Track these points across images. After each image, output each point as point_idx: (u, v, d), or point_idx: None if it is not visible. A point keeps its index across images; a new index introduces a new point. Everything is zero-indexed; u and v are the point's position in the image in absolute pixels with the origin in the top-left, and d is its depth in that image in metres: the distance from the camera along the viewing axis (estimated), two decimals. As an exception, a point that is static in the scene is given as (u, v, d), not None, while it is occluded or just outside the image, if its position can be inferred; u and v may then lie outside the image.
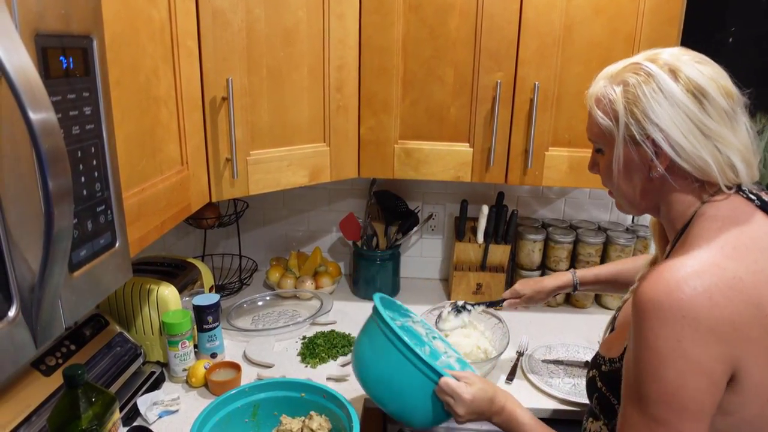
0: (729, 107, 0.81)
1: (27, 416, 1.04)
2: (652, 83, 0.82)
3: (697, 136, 0.80)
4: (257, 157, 1.40)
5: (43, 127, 0.53)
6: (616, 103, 0.86)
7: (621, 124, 0.86)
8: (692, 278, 0.75)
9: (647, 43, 1.44)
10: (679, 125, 0.80)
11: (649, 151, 0.84)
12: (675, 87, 0.81)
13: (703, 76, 0.81)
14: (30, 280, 0.59)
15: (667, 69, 0.83)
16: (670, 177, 0.85)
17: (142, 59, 0.99)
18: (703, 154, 0.81)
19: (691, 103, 0.80)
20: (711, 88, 0.81)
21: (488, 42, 1.46)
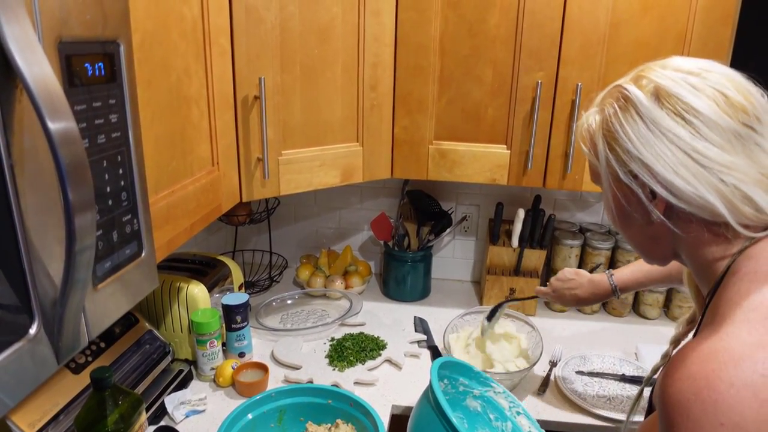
0: (738, 125, 0.65)
1: (55, 414, 1.04)
2: (630, 110, 0.69)
3: (691, 169, 0.65)
4: (289, 157, 1.37)
5: (63, 137, 0.51)
6: (596, 136, 0.73)
7: (602, 160, 0.72)
8: (728, 371, 0.56)
9: (699, 42, 1.36)
10: (667, 159, 0.65)
11: (639, 193, 0.70)
12: (658, 112, 0.66)
13: (696, 93, 0.66)
14: (52, 295, 0.57)
15: (651, 90, 0.68)
16: (672, 223, 0.69)
17: (173, 58, 0.97)
18: (702, 191, 0.64)
19: (680, 129, 0.65)
20: (707, 107, 0.65)
21: (529, 40, 1.41)
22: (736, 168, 0.64)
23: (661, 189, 0.67)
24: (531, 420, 1.21)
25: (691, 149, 0.65)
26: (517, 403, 1.23)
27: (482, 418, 1.25)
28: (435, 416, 0.99)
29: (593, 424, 1.32)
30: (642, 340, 1.66)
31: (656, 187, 0.67)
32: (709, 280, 0.71)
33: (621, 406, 1.36)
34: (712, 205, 0.65)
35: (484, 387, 1.24)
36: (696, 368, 0.58)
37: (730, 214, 0.65)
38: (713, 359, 0.58)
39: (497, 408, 1.24)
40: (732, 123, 0.65)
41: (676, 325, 0.93)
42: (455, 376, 1.22)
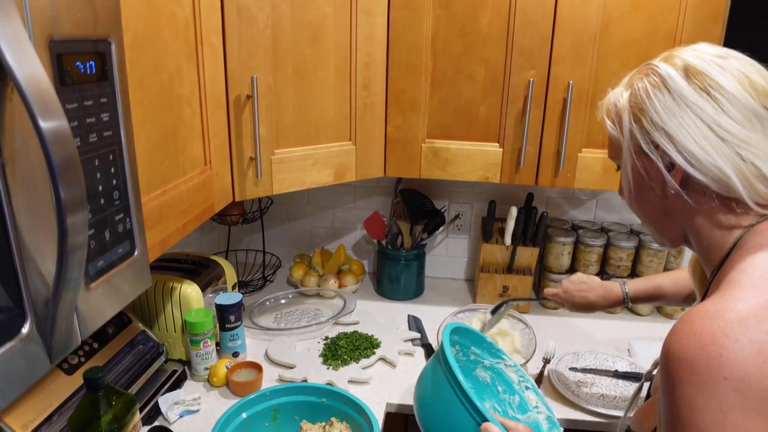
0: (758, 106, 0.68)
1: (49, 415, 1.04)
2: (659, 84, 0.72)
3: (712, 141, 0.68)
4: (282, 156, 1.37)
5: (55, 136, 0.51)
6: (622, 109, 0.76)
7: (626, 132, 0.76)
8: (734, 328, 0.58)
9: (689, 41, 1.35)
10: (690, 129, 0.69)
11: (658, 163, 0.73)
12: (686, 86, 0.70)
13: (723, 72, 0.69)
14: (44, 294, 0.57)
15: (681, 67, 0.72)
16: (686, 194, 0.72)
17: (165, 58, 0.97)
18: (719, 162, 0.67)
19: (704, 103, 0.68)
20: (731, 85, 0.68)
21: (521, 39, 1.41)
22: (754, 144, 0.67)
23: (680, 159, 0.70)
24: (539, 395, 1.21)
25: (713, 122, 0.68)
26: (526, 378, 1.23)
27: (490, 389, 1.25)
28: (445, 380, 0.98)
29: (586, 420, 1.33)
30: (635, 336, 1.67)
31: (676, 156, 0.70)
32: (715, 257, 0.74)
33: (614, 402, 1.37)
34: (728, 178, 0.68)
35: (495, 359, 1.24)
36: (701, 326, 0.60)
37: (744, 188, 0.68)
38: (719, 317, 0.60)
39: (506, 381, 1.24)
40: (753, 103, 0.68)
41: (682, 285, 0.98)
42: (467, 344, 1.22)
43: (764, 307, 0.60)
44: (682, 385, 0.60)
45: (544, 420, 1.17)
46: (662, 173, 0.73)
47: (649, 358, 1.53)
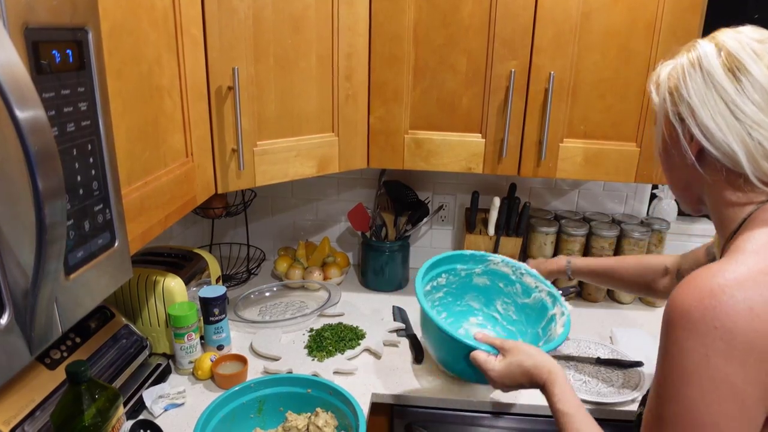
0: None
1: (31, 411, 1.03)
2: (695, 62, 0.77)
3: (727, 118, 0.73)
4: (264, 148, 1.37)
5: (31, 126, 0.50)
6: (663, 80, 0.82)
7: (660, 101, 0.82)
8: (731, 286, 0.64)
9: (668, 31, 1.39)
10: (710, 105, 0.73)
11: (681, 133, 0.78)
12: (715, 63, 0.74)
13: (754, 57, 0.72)
14: (23, 285, 0.57)
15: (719, 47, 0.76)
16: (700, 166, 0.78)
17: (144, 48, 0.96)
18: (730, 138, 0.72)
19: (727, 81, 0.73)
20: (758, 71, 0.71)
21: (502, 29, 1.42)
22: (764, 126, 0.71)
23: (698, 132, 0.75)
24: (535, 276, 1.35)
25: (731, 102, 0.72)
26: (518, 265, 1.37)
27: (493, 288, 1.40)
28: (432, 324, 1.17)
29: (569, 407, 1.34)
30: (617, 324, 1.70)
31: (695, 129, 0.75)
32: (727, 230, 0.79)
33: (596, 388, 1.39)
34: (735, 154, 0.72)
35: (482, 263, 1.37)
36: (702, 282, 0.66)
37: (749, 164, 0.72)
38: (720, 276, 0.66)
39: (502, 276, 1.37)
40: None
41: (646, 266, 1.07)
42: (452, 266, 1.32)
43: (762, 272, 0.66)
44: (676, 330, 0.66)
45: (546, 296, 1.34)
46: (682, 144, 0.78)
47: (631, 345, 1.55)
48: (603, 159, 1.50)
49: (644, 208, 1.97)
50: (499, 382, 1.05)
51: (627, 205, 1.97)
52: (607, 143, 1.49)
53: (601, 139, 1.48)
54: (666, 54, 1.38)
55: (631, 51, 1.41)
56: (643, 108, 1.45)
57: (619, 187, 1.94)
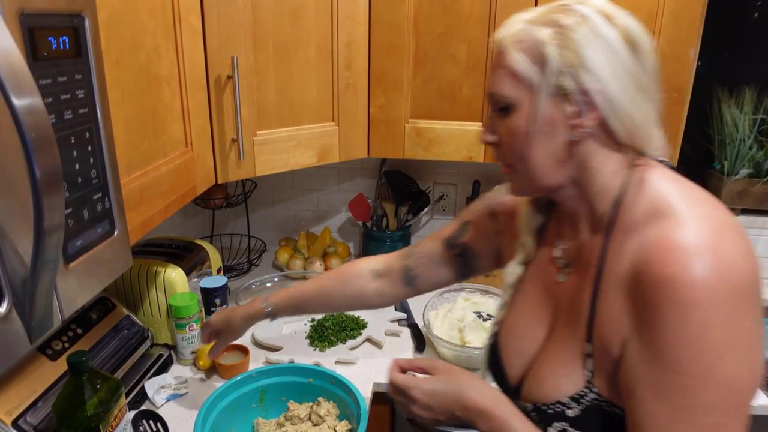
0: (656, 65, 0.72)
1: (33, 402, 1.03)
2: (586, 26, 0.69)
3: (632, 91, 0.69)
4: (264, 138, 1.36)
5: (28, 113, 0.50)
6: (546, 45, 0.70)
7: (550, 72, 0.70)
8: (723, 240, 0.62)
9: (670, 18, 1.38)
10: (619, 77, 0.68)
11: (578, 106, 0.70)
12: (612, 33, 0.68)
13: (636, 25, 0.70)
14: (22, 273, 0.56)
15: (601, 13, 0.70)
16: (595, 138, 0.72)
17: (142, 37, 0.96)
18: (634, 113, 0.69)
19: (629, 54, 0.69)
20: (643, 40, 0.70)
21: (503, 18, 1.38)
22: (654, 100, 0.72)
23: (603, 103, 0.69)
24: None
25: (635, 72, 0.69)
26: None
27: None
28: None
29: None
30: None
31: (600, 100, 0.69)
32: (606, 196, 0.75)
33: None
34: (636, 128, 0.70)
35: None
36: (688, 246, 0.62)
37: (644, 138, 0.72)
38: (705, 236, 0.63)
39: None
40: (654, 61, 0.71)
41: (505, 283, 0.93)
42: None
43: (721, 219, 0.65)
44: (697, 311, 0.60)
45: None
46: (577, 115, 0.71)
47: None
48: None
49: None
50: (421, 403, 0.84)
51: (628, 194, 1.96)
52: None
53: (602, 127, 1.48)
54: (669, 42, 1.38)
55: (632, 38, 1.40)
56: (645, 96, 1.44)
57: (620, 176, 1.93)
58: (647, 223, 0.68)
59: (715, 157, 1.95)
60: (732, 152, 1.88)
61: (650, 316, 0.64)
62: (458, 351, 1.39)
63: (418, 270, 1.11)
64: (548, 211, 0.90)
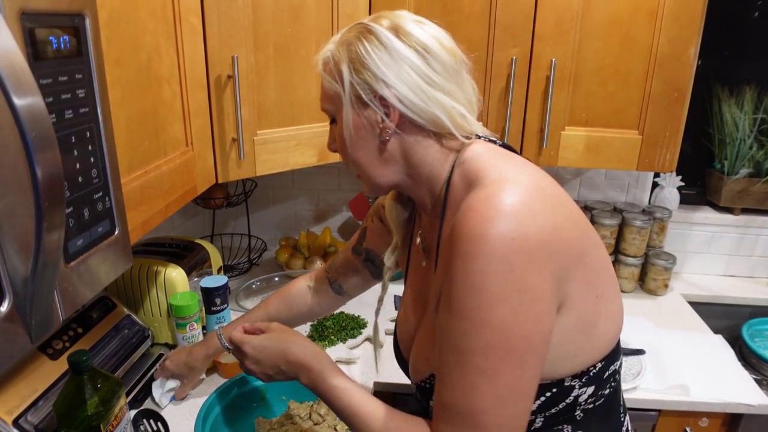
0: (454, 64, 0.80)
1: (34, 401, 1.03)
2: (374, 41, 0.79)
3: (424, 89, 0.78)
4: (264, 137, 1.36)
5: (30, 113, 0.50)
6: (341, 62, 0.81)
7: (346, 85, 0.81)
8: (508, 196, 0.68)
9: (670, 18, 1.38)
10: (406, 80, 0.77)
11: (378, 111, 0.80)
12: (398, 43, 0.78)
13: (425, 33, 0.79)
14: (23, 273, 0.56)
15: (389, 26, 0.80)
16: (404, 134, 0.81)
17: (142, 36, 0.96)
18: (431, 106, 0.78)
19: (416, 58, 0.78)
20: (434, 45, 0.79)
21: (503, 16, 1.41)
22: (452, 92, 0.79)
23: (400, 105, 0.78)
24: None
25: (423, 73, 0.78)
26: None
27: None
28: None
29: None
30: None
31: (396, 103, 0.78)
32: (437, 184, 0.84)
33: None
34: (438, 117, 0.79)
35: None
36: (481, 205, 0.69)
37: (452, 125, 0.79)
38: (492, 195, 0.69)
39: None
40: (450, 60, 0.80)
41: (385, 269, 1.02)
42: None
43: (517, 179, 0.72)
44: (475, 259, 0.66)
45: None
46: (381, 119, 0.80)
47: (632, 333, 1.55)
48: (605, 147, 1.49)
49: (646, 197, 1.97)
50: (252, 357, 0.94)
51: (629, 193, 1.96)
52: (609, 131, 1.48)
53: (602, 126, 1.48)
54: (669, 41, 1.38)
55: (633, 38, 1.40)
56: (645, 95, 1.44)
57: (620, 176, 1.93)
58: (464, 196, 0.75)
59: (716, 156, 1.96)
60: (732, 152, 1.88)
61: (447, 270, 0.70)
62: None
63: (340, 280, 1.23)
64: (413, 204, 0.99)
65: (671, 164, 1.50)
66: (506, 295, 0.66)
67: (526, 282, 0.66)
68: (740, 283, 1.98)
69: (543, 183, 0.74)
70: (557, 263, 0.69)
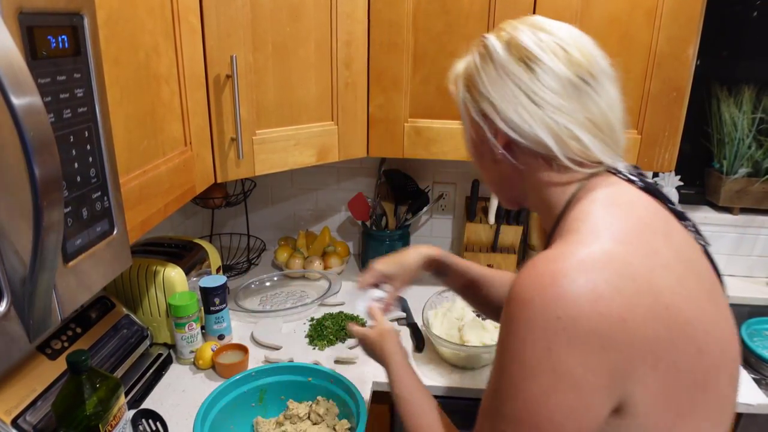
0: (574, 77, 0.72)
1: (32, 401, 1.03)
2: (486, 56, 0.76)
3: (528, 107, 0.72)
4: (263, 137, 1.36)
5: (28, 113, 0.50)
6: (458, 79, 0.81)
7: (460, 101, 0.81)
8: (573, 269, 0.61)
9: (669, 17, 1.38)
10: (509, 98, 0.73)
11: (486, 130, 0.77)
12: (506, 57, 0.74)
13: (540, 43, 0.73)
14: (21, 272, 0.56)
15: (505, 38, 0.76)
16: (513, 157, 0.77)
17: (141, 36, 0.95)
18: (535, 126, 0.72)
19: (521, 72, 0.73)
20: (547, 56, 0.72)
21: (502, 16, 1.41)
22: (565, 110, 0.72)
23: (503, 125, 0.74)
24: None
25: (529, 90, 0.72)
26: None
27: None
28: None
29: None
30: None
31: (500, 123, 0.74)
32: (552, 214, 0.77)
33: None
34: (542, 140, 0.72)
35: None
36: (543, 268, 0.63)
37: (558, 147, 0.72)
38: (561, 260, 0.63)
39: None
40: (568, 73, 0.72)
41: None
42: None
43: (600, 249, 0.63)
44: (518, 324, 0.62)
45: None
46: (490, 139, 0.77)
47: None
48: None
49: (645, 196, 1.97)
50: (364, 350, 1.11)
51: (628, 193, 1.96)
52: (608, 130, 1.48)
53: (601, 126, 1.48)
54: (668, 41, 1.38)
55: (631, 37, 1.40)
56: (644, 95, 1.44)
57: (619, 175, 1.93)
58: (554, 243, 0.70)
59: (714, 156, 1.96)
60: (731, 151, 1.88)
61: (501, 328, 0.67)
62: (458, 350, 1.39)
63: None
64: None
65: (670, 164, 1.50)
66: (539, 372, 0.61)
67: (564, 365, 0.60)
68: (739, 283, 1.98)
69: (636, 259, 0.63)
70: (613, 359, 0.60)
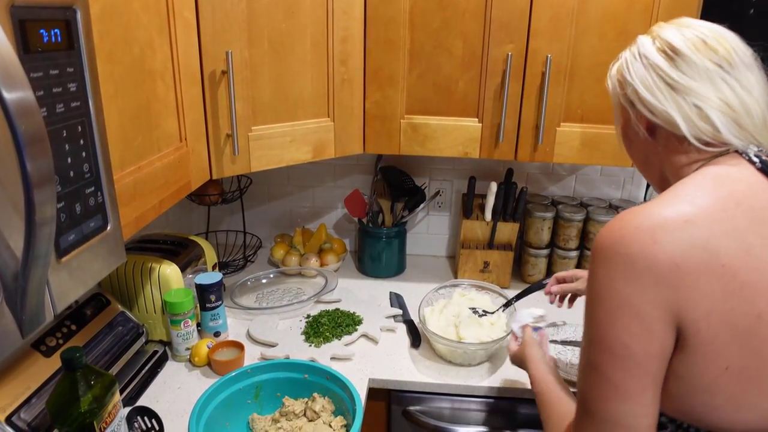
0: (708, 63, 0.80)
1: (27, 398, 1.03)
2: (635, 50, 0.87)
3: (663, 90, 0.82)
4: (259, 133, 1.36)
5: (19, 107, 0.49)
6: (613, 73, 0.92)
7: (612, 89, 0.92)
8: (641, 218, 0.73)
9: (666, 14, 1.37)
10: (648, 83, 0.83)
11: (630, 112, 0.88)
12: (650, 49, 0.84)
13: (681, 36, 0.83)
14: (14, 267, 0.56)
15: (652, 35, 0.87)
16: (653, 138, 0.87)
17: (135, 30, 0.95)
18: (667, 106, 0.81)
19: (662, 61, 0.82)
20: (686, 47, 0.81)
21: (499, 12, 1.40)
22: (699, 92, 0.80)
23: (643, 108, 0.84)
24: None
25: (666, 76, 0.81)
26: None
27: None
28: None
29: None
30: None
31: (641, 107, 0.85)
32: None
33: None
34: (673, 118, 0.81)
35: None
36: (620, 217, 0.75)
37: (686, 125, 0.80)
38: (635, 213, 0.75)
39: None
40: (704, 61, 0.80)
41: None
42: None
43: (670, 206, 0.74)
44: (593, 262, 0.75)
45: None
46: (634, 122, 0.88)
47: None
48: (600, 143, 1.49)
49: (641, 193, 1.97)
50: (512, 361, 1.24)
51: (624, 189, 1.96)
52: (605, 127, 1.48)
53: (598, 123, 1.47)
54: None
55: (629, 34, 1.40)
56: (641, 91, 1.44)
57: (616, 172, 1.93)
58: None
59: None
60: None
61: None
62: (454, 347, 1.39)
63: None
64: None
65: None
66: (605, 299, 0.73)
67: (622, 294, 0.72)
68: (735, 280, 1.98)
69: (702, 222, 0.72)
70: (665, 296, 0.71)
